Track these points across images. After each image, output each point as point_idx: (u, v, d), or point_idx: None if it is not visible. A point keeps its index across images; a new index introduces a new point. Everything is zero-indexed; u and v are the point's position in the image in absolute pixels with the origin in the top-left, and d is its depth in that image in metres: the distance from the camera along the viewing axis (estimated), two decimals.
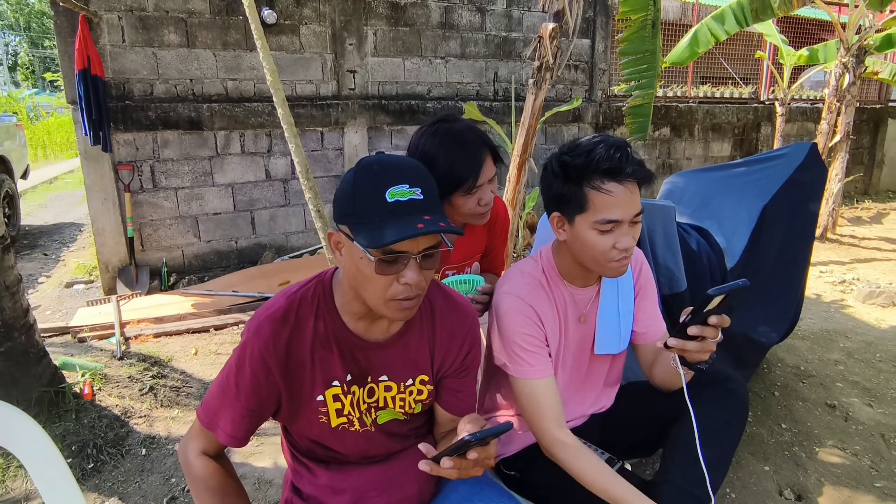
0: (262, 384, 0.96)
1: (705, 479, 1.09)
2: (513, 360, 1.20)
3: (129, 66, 3.99)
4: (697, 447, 1.09)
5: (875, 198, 8.02)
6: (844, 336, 3.18)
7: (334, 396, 1.00)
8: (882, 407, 2.42)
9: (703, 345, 1.02)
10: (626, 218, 1.11)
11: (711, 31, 4.82)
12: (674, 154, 6.65)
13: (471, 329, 1.09)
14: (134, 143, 4.04)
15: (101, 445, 2.10)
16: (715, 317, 1.00)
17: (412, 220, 0.84)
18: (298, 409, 1.00)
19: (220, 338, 3.26)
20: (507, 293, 1.24)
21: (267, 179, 4.53)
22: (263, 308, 0.98)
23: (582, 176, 1.11)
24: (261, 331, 0.95)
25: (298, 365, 0.97)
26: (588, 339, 1.31)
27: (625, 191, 1.10)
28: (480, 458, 0.84)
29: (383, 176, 0.87)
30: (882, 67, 6.96)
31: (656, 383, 1.32)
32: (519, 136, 3.06)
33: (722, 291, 0.95)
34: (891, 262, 4.79)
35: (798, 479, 1.96)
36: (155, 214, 4.19)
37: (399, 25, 4.82)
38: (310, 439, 1.05)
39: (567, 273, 1.26)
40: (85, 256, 5.01)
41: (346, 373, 1.00)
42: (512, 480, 1.33)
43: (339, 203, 0.90)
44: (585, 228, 1.13)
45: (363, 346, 1.00)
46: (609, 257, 1.13)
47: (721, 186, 2.54)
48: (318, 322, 0.98)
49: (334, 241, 0.93)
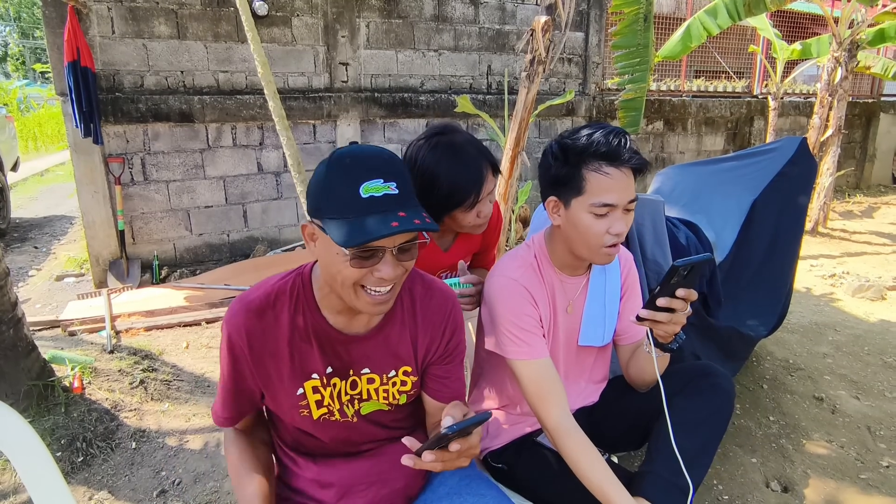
0: (242, 373, 0.98)
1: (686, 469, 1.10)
2: (511, 342, 1.20)
3: (120, 58, 3.95)
4: (671, 436, 1.11)
5: (866, 192, 8.08)
6: (833, 329, 3.21)
7: (313, 388, 1.00)
8: (869, 399, 2.45)
9: (672, 317, 1.06)
10: (621, 203, 1.13)
11: (704, 25, 4.82)
12: (667, 148, 6.66)
13: (451, 313, 1.08)
14: (124, 136, 4.01)
15: (91, 439, 2.10)
16: (682, 290, 1.04)
17: (387, 216, 0.83)
18: (278, 400, 1.01)
19: (212, 331, 3.25)
20: (500, 275, 1.25)
21: (259, 172, 4.51)
22: (241, 297, 0.99)
23: (581, 159, 1.13)
24: (232, 321, 0.96)
25: (273, 357, 0.98)
26: (574, 331, 1.32)
27: (622, 175, 1.12)
28: (463, 448, 0.84)
29: (357, 170, 0.86)
30: (874, 62, 6.99)
31: (631, 378, 1.34)
32: (511, 129, 3.06)
33: (688, 263, 1.00)
34: (881, 255, 4.84)
35: (785, 471, 1.98)
36: (146, 207, 4.16)
37: (392, 17, 4.79)
38: (295, 427, 1.05)
39: (558, 260, 1.27)
40: (76, 250, 4.98)
41: (326, 365, 1.00)
42: (499, 473, 1.34)
43: (312, 196, 0.89)
44: (581, 212, 1.14)
45: (343, 339, 1.00)
46: (602, 242, 1.14)
47: (711, 181, 2.55)
48: (297, 315, 0.98)
49: (308, 233, 0.92)
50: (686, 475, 1.11)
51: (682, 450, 1.12)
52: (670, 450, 1.11)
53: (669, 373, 1.24)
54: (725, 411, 1.23)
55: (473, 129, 5.20)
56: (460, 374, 1.13)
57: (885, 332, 3.18)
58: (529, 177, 5.46)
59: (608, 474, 1.09)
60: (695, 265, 1.01)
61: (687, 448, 1.13)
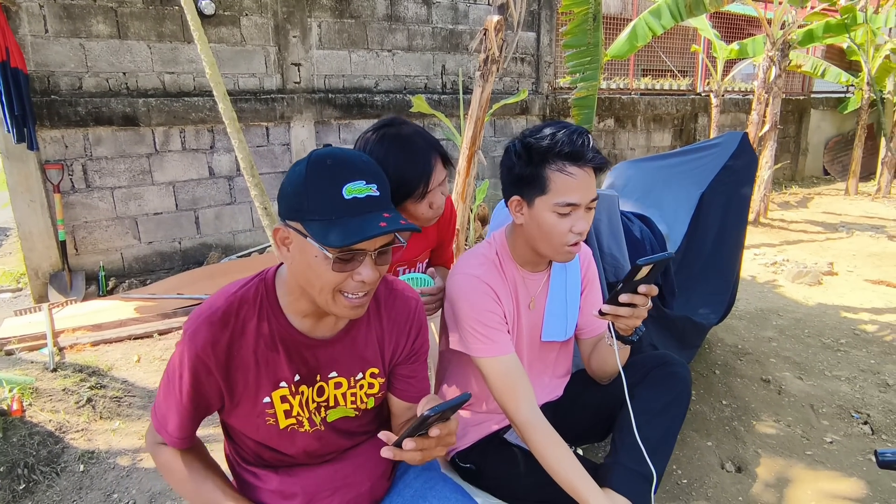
0: (203, 386, 0.94)
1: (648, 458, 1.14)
2: (476, 340, 1.20)
3: (55, 58, 3.73)
4: (633, 426, 1.14)
5: (801, 183, 8.57)
6: (777, 314, 3.39)
7: (282, 398, 0.98)
8: (811, 379, 2.60)
9: (634, 311, 1.09)
10: (584, 202, 1.15)
11: (649, 25, 4.99)
12: (618, 144, 6.86)
13: (416, 313, 1.08)
14: (62, 141, 3.79)
15: (33, 464, 1.97)
16: (644, 286, 1.07)
17: (372, 217, 0.83)
18: (242, 411, 0.98)
19: (165, 342, 3.13)
20: (461, 273, 1.25)
21: (211, 177, 4.36)
22: (201, 309, 0.95)
23: (544, 158, 1.14)
24: (198, 335, 0.91)
25: (240, 367, 0.95)
26: (537, 327, 1.34)
27: (584, 175, 1.14)
28: (442, 434, 0.84)
29: (339, 171, 0.85)
30: (805, 61, 7.42)
31: (593, 371, 1.37)
32: (467, 129, 3.07)
33: (650, 261, 1.03)
34: (816, 243, 5.14)
35: (738, 452, 2.08)
36: (89, 216, 3.95)
37: (344, 17, 4.73)
38: (256, 442, 1.02)
39: (519, 257, 1.29)
40: (11, 263, 4.68)
41: (294, 373, 0.98)
42: (468, 473, 1.35)
43: (288, 198, 0.87)
44: (545, 211, 1.16)
45: (310, 344, 0.98)
46: (565, 241, 1.16)
47: (662, 175, 2.64)
48: (262, 323, 0.95)
49: (281, 237, 0.90)
50: (649, 463, 1.14)
51: (644, 438, 1.16)
52: (633, 439, 1.15)
53: (629, 364, 1.28)
54: (684, 398, 1.28)
55: (429, 129, 5.19)
56: (425, 374, 1.13)
57: (822, 314, 3.38)
58: (486, 175, 5.51)
59: (577, 467, 1.11)
60: (657, 263, 1.04)
61: (649, 436, 1.17)
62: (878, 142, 7.59)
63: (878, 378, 2.59)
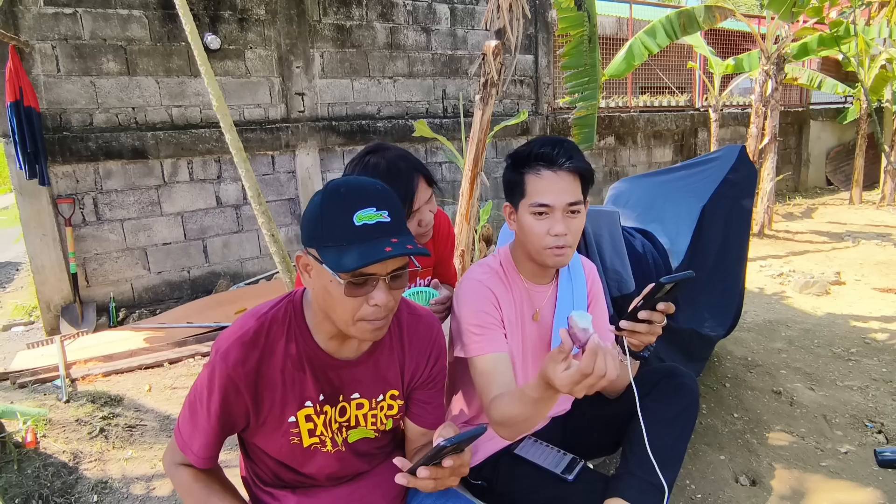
0: (232, 406, 0.96)
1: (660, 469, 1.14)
2: (471, 339, 1.23)
3: (66, 96, 3.85)
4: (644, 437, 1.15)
5: (804, 194, 8.57)
6: (785, 325, 3.37)
7: (307, 417, 1.00)
8: (822, 390, 2.58)
9: (650, 328, 1.12)
10: (558, 204, 1.19)
11: (645, 44, 5.09)
12: (619, 162, 6.92)
13: (436, 339, 1.12)
14: (74, 175, 3.89)
15: (48, 496, 1.98)
16: (662, 303, 1.10)
17: (380, 243, 0.86)
18: (267, 429, 1.00)
19: (176, 371, 3.15)
20: (466, 279, 1.30)
21: (218, 206, 4.43)
22: (232, 329, 0.97)
23: (524, 164, 1.23)
24: (229, 355, 0.94)
25: (268, 386, 0.97)
26: (544, 339, 1.36)
27: (556, 178, 1.19)
28: (455, 465, 0.85)
29: (350, 199, 0.89)
30: (801, 73, 7.50)
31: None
32: (469, 151, 3.13)
33: (672, 280, 1.06)
34: (822, 253, 5.13)
35: (751, 466, 2.05)
36: (100, 248, 4.02)
37: (346, 47, 4.86)
38: (276, 461, 1.04)
39: (523, 269, 1.33)
40: (24, 297, 4.74)
41: (319, 392, 1.00)
42: (479, 490, 1.35)
43: (306, 226, 0.91)
44: (525, 213, 1.23)
45: (335, 364, 1.01)
46: (544, 243, 1.21)
47: (662, 190, 2.67)
48: (290, 343, 0.98)
49: (302, 264, 0.94)
50: (660, 474, 1.14)
51: (655, 450, 1.16)
52: (644, 451, 1.15)
53: (636, 377, 1.29)
54: (692, 409, 1.29)
55: (432, 153, 5.28)
56: (441, 401, 1.15)
57: (831, 324, 3.36)
58: (490, 196, 5.56)
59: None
60: (679, 282, 1.07)
61: (659, 447, 1.17)
62: (879, 151, 7.62)
63: (890, 387, 2.56)
